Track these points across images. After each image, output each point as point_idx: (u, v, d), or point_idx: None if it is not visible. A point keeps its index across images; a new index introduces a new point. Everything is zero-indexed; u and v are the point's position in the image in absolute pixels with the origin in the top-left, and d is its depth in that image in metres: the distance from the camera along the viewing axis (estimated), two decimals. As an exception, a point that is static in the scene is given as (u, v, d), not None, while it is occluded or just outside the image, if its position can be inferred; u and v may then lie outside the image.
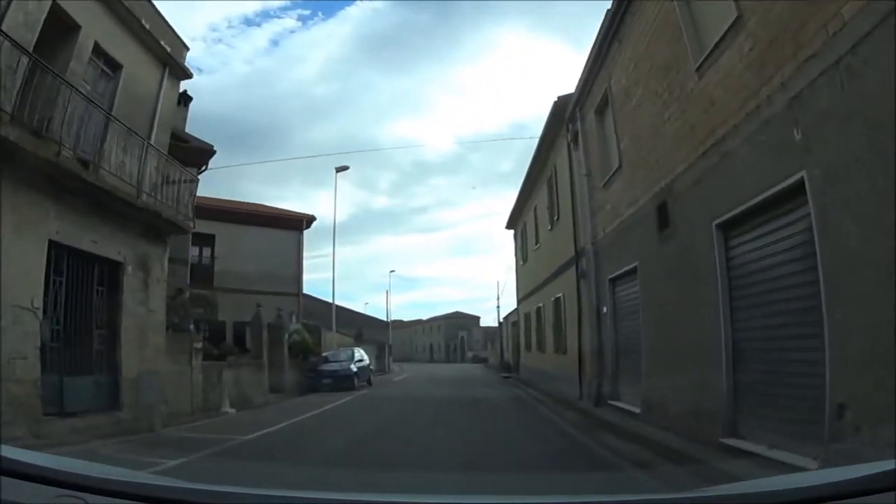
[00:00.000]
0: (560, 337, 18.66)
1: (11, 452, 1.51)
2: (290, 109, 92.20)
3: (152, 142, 13.13)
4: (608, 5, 11.50)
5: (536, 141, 20.18)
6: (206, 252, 26.38)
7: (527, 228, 26.08)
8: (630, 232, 11.24)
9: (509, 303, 64.86)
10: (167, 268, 14.33)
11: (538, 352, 22.81)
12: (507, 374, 29.71)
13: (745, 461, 5.83)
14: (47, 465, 1.51)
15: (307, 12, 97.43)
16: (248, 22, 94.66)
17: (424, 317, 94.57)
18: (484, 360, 64.03)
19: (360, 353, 24.15)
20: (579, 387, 15.00)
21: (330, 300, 30.72)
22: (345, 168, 30.10)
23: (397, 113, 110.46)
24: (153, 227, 13.26)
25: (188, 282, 25.03)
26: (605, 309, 12.91)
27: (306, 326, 26.49)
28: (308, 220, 28.12)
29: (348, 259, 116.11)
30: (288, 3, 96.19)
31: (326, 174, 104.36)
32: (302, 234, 28.04)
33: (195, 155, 19.59)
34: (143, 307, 13.04)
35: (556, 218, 19.00)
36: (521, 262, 27.53)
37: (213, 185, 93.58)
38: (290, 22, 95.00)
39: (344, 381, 21.42)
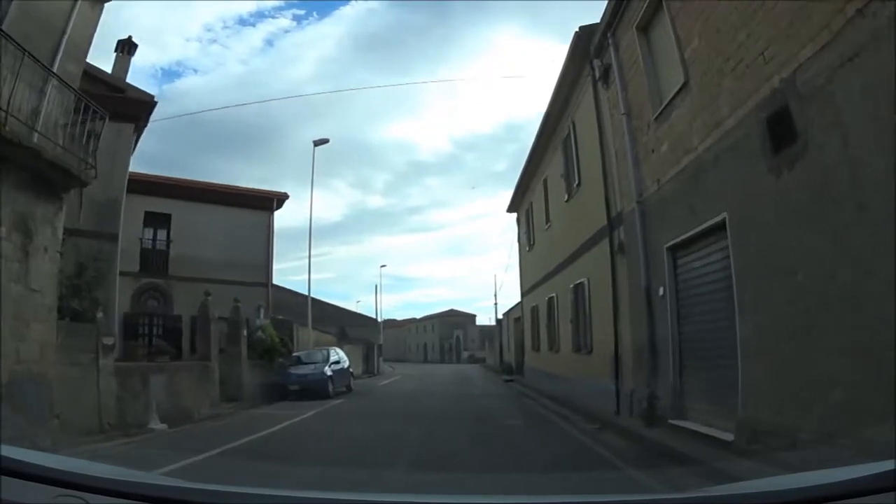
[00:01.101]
0: (581, 333, 15.02)
1: (11, 452, 1.52)
2: (284, 109, 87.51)
3: (55, 69, 9.66)
4: (603, 6, 10.31)
5: (533, 132, 16.51)
6: (163, 235, 22.75)
7: (533, 208, 22.43)
8: (710, 171, 7.63)
9: (506, 303, 61.17)
10: (61, 235, 10.55)
11: (550, 352, 19.12)
12: (509, 378, 26.01)
13: None
14: (47, 465, 1.53)
15: (302, 12, 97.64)
16: (243, 22, 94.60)
17: (419, 317, 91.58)
18: (481, 361, 60.65)
19: (337, 353, 20.42)
20: (616, 398, 11.37)
21: (331, 298, 26.93)
22: (324, 141, 26.45)
23: (392, 113, 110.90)
24: (41, 177, 9.55)
25: (137, 268, 21.40)
26: (661, 290, 9.27)
27: (276, 322, 22.77)
28: (279, 199, 24.42)
29: (343, 259, 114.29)
30: (282, 3, 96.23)
31: (325, 175, 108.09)
32: (272, 214, 24.34)
33: (132, 106, 15.88)
34: (21, 285, 9.27)
35: (575, 184, 15.36)
36: (527, 249, 23.87)
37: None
38: (284, 22, 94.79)
39: (316, 387, 17.70)
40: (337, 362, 19.37)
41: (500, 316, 40.47)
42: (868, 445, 4.38)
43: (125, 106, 15.11)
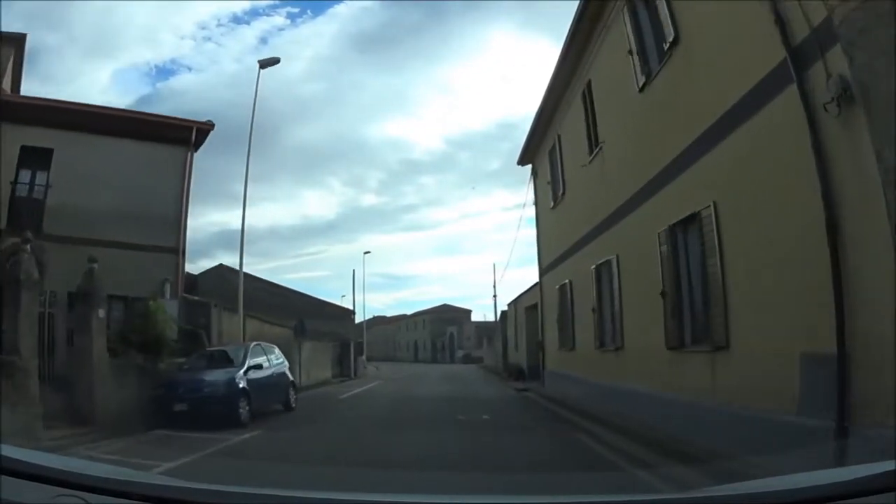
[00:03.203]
0: (695, 317, 8.03)
1: (11, 452, 1.52)
2: (277, 108, 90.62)
3: None
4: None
5: None
6: (42, 179, 15.87)
7: (563, 143, 15.43)
8: None
9: (505, 302, 54.68)
10: None
11: (599, 351, 12.05)
12: (521, 387, 18.83)
13: None
14: (47, 465, 1.53)
15: (296, 10, 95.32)
16: (237, 20, 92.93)
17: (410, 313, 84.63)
18: (477, 361, 53.65)
19: (266, 355, 13.02)
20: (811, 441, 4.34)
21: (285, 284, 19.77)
22: (273, 61, 19.27)
23: (386, 112, 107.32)
24: None
25: (4, 224, 14.38)
26: None
27: (189, 304, 15.65)
28: (200, 129, 17.23)
29: (338, 258, 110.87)
30: (277, 1, 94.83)
31: (320, 173, 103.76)
32: (190, 152, 17.17)
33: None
34: None
35: (669, 40, 8.31)
36: (549, 206, 16.78)
37: (209, 185, 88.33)
38: (279, 20, 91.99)
39: (215, 407, 10.55)
40: (259, 367, 12.12)
41: (505, 305, 33.37)
42: None
43: None
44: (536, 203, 19.29)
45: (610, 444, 7.35)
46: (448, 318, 71.13)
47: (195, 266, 32.33)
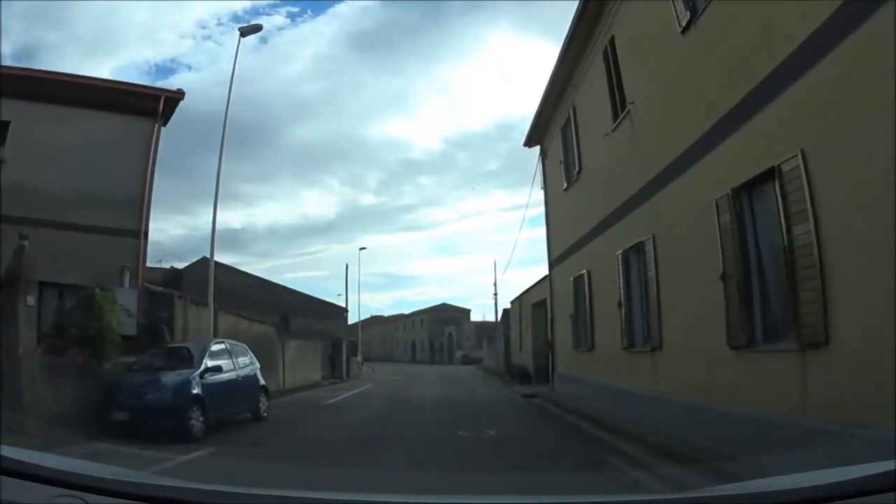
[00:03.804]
0: (761, 309, 6.14)
1: (11, 452, 1.51)
2: (277, 107, 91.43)
3: None
4: None
5: None
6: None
7: (578, 114, 13.54)
8: None
9: (503, 302, 52.42)
10: None
11: (628, 352, 10.12)
12: (529, 392, 16.83)
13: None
14: (47, 465, 1.53)
15: (296, 9, 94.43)
16: (237, 19, 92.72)
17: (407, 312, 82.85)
18: (477, 362, 51.65)
19: (231, 355, 10.92)
20: None
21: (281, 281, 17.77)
22: (255, 29, 17.34)
23: (385, 111, 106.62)
24: None
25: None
26: None
27: (151, 295, 13.76)
28: (170, 98, 15.32)
29: (337, 257, 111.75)
30: (277, 0, 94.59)
31: (319, 173, 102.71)
32: (158, 124, 15.25)
33: None
34: None
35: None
36: (562, 187, 14.84)
37: (207, 184, 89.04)
38: (279, 19, 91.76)
39: (160, 416, 8.61)
40: (218, 369, 10.10)
41: (506, 304, 31.48)
42: None
43: None
44: (545, 187, 17.36)
45: (675, 481, 5.31)
46: (446, 317, 69.09)
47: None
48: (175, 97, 15.49)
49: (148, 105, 15.13)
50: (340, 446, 8.31)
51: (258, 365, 11.72)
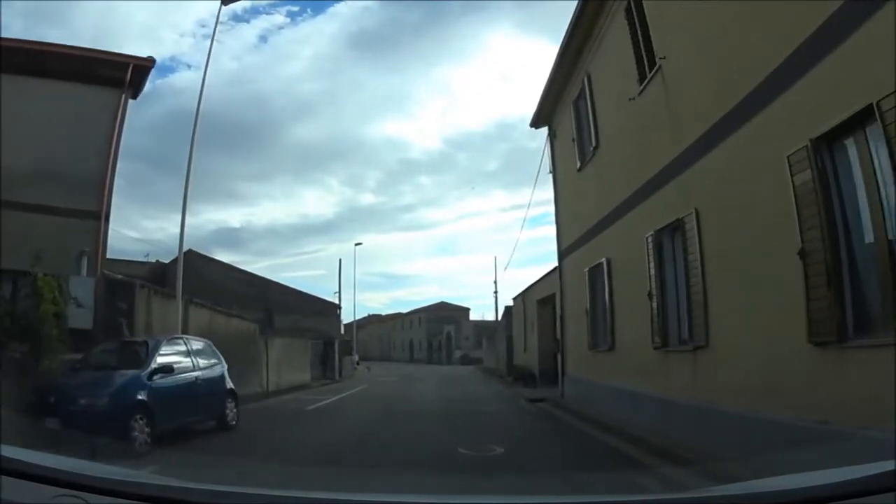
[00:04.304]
0: (850, 293, 4.52)
1: (11, 452, 1.50)
2: (277, 106, 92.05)
3: None
4: None
5: None
6: None
7: (593, 81, 11.98)
8: None
9: (503, 301, 51.07)
10: None
11: (662, 352, 8.53)
12: (535, 397, 15.22)
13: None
14: (47, 465, 1.52)
15: (296, 9, 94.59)
16: (237, 18, 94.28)
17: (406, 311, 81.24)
18: (476, 362, 50.07)
19: (190, 353, 9.16)
20: None
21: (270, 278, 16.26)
22: (235, -3, 15.72)
23: (384, 111, 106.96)
24: None
25: None
26: None
27: (111, 283, 12.21)
28: (139, 67, 13.74)
29: (335, 257, 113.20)
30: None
31: (318, 172, 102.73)
32: (125, 95, 13.68)
33: None
34: None
35: None
36: (575, 167, 13.26)
37: (206, 183, 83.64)
38: (279, 18, 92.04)
39: (95, 425, 6.95)
40: (168, 369, 8.40)
41: (507, 302, 29.94)
42: None
43: None
44: (554, 170, 15.78)
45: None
46: (445, 316, 67.39)
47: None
48: (145, 65, 13.91)
49: (114, 74, 13.55)
50: (322, 465, 6.78)
51: (225, 366, 10.12)
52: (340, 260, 37.99)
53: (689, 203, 7.56)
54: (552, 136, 16.04)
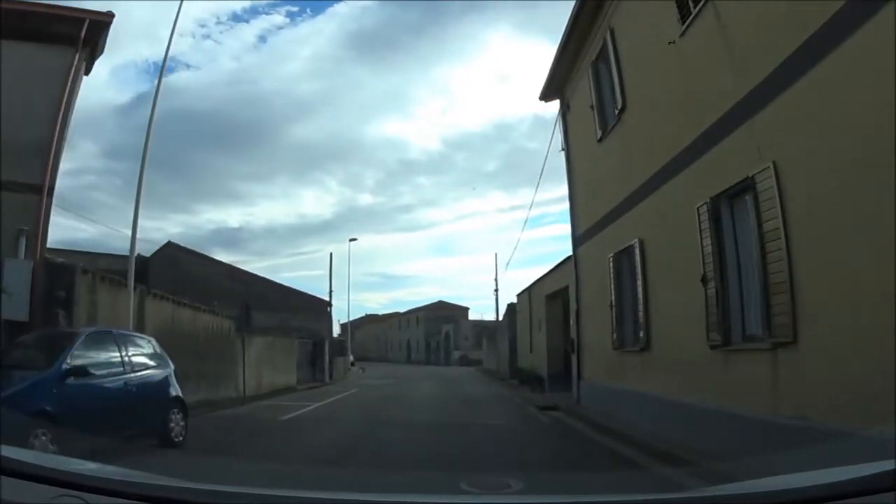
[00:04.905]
0: None
1: (11, 452, 1.49)
2: (276, 106, 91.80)
3: None
4: None
5: None
6: None
7: (618, 35, 10.17)
8: None
9: (504, 300, 49.74)
10: None
11: (721, 352, 6.68)
12: (545, 404, 13.36)
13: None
14: (47, 465, 1.53)
15: (295, 9, 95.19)
16: (237, 18, 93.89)
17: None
18: (476, 363, 48.28)
19: (121, 350, 7.21)
20: None
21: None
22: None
23: (383, 111, 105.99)
24: None
25: None
26: None
27: (51, 267, 10.39)
28: (95, 23, 11.93)
29: (334, 255, 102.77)
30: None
31: (317, 172, 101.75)
32: (79, 55, 11.86)
33: None
34: None
35: None
36: (596, 136, 11.44)
37: (205, 183, 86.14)
38: (278, 18, 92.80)
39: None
40: (82, 372, 6.48)
41: (508, 301, 28.18)
42: None
43: None
44: (567, 148, 13.95)
45: None
46: (443, 315, 65.44)
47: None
48: (103, 20, 12.07)
49: (67, 31, 11.73)
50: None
51: (171, 368, 8.23)
52: (332, 253, 36.18)
53: (763, 157, 5.73)
54: (564, 110, 14.23)
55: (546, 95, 15.07)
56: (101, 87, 77.76)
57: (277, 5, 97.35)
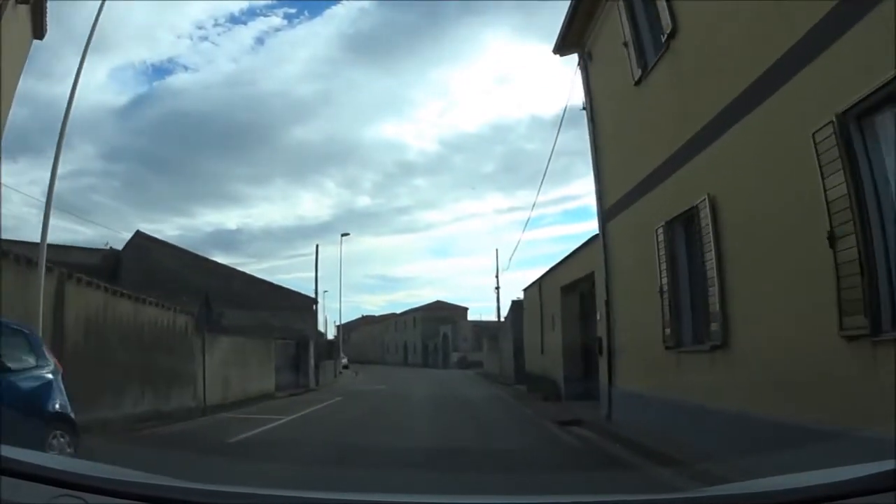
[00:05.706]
0: None
1: (11, 452, 1.47)
2: (274, 108, 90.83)
3: None
4: None
5: None
6: None
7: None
8: None
9: (503, 299, 47.28)
10: None
11: (857, 344, 4.16)
12: (566, 417, 10.83)
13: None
14: (47, 465, 1.52)
15: (293, 11, 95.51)
16: (234, 20, 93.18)
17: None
18: (476, 366, 45.85)
19: None
20: None
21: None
22: None
23: (381, 113, 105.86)
24: None
25: None
26: None
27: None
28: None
29: (329, 259, 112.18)
30: (274, 1, 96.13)
31: (315, 174, 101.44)
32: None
33: None
34: None
35: None
36: (632, 81, 9.00)
37: (204, 185, 77.61)
38: (276, 20, 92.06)
39: None
40: None
41: (508, 303, 25.70)
42: None
43: None
44: (590, 105, 11.50)
45: None
46: (441, 316, 62.76)
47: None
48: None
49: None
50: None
51: (58, 374, 5.76)
52: (317, 245, 33.76)
53: None
54: (586, 60, 11.79)
55: (561, 48, 12.58)
56: (100, 87, 76.89)
57: (275, 7, 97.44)
